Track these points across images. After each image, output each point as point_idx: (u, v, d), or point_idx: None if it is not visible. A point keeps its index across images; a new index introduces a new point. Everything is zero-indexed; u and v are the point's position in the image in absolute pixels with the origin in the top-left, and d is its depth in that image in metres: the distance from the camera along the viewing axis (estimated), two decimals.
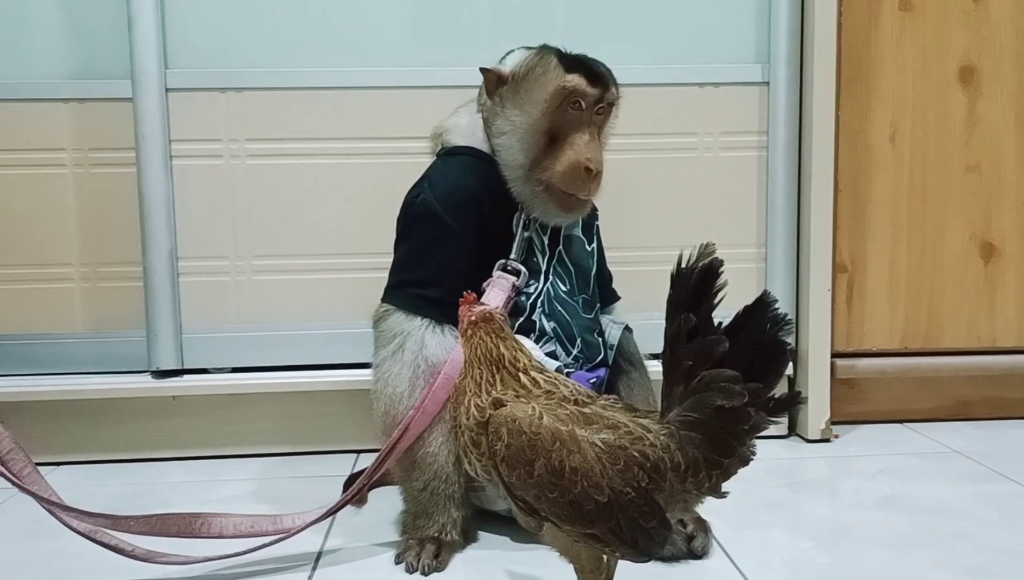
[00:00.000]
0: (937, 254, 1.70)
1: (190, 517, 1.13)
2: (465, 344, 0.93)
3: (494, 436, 0.87)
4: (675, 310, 0.87)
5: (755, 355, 0.86)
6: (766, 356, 0.87)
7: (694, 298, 0.87)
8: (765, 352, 0.87)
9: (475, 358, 0.91)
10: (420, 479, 1.17)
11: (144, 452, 1.58)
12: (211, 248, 1.59)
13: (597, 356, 1.28)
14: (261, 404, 1.59)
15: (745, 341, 0.86)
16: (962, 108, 1.69)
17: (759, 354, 0.86)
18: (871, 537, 1.22)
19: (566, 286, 1.27)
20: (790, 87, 1.63)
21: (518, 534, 1.20)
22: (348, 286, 1.59)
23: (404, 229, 1.27)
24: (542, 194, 1.22)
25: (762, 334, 0.87)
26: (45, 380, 1.57)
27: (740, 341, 0.86)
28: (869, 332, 1.70)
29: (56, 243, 1.59)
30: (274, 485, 1.47)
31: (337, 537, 1.24)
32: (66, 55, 1.57)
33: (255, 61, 1.57)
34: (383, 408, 1.20)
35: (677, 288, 0.87)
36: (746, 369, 0.85)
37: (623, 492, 0.85)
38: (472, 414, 0.89)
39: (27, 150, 1.57)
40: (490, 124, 1.25)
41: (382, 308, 1.24)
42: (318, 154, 1.59)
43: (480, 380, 0.90)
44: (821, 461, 1.55)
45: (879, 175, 1.68)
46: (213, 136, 1.58)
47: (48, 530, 1.14)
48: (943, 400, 1.73)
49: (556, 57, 1.22)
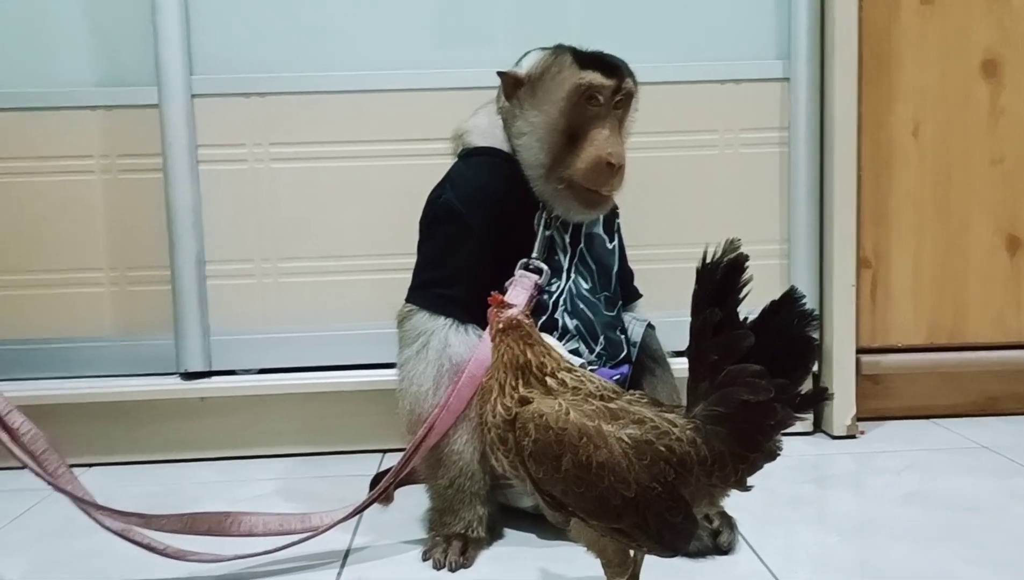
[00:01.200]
0: (962, 248, 1.69)
1: (220, 516, 1.14)
2: (493, 349, 0.94)
3: (521, 432, 0.88)
4: (700, 305, 0.87)
5: (781, 350, 0.86)
6: (793, 351, 0.87)
7: (720, 293, 0.87)
8: (792, 347, 0.87)
9: (502, 363, 0.92)
10: (446, 476, 1.18)
11: (173, 453, 1.61)
12: (237, 251, 1.61)
13: (620, 353, 1.28)
14: (288, 404, 1.61)
15: (771, 336, 0.86)
16: (985, 101, 1.67)
17: (785, 349, 0.86)
18: (897, 531, 1.21)
19: (588, 284, 1.28)
20: (811, 83, 1.63)
21: (544, 531, 1.21)
22: (372, 287, 1.60)
23: (427, 230, 1.29)
24: (564, 192, 1.23)
25: (789, 329, 0.86)
26: (76, 383, 1.59)
27: (766, 336, 0.86)
28: (894, 327, 1.69)
29: (85, 248, 1.62)
30: (301, 484, 1.48)
31: (365, 535, 1.25)
32: (93, 63, 1.59)
33: (278, 66, 1.59)
34: (408, 407, 1.21)
35: (702, 283, 0.87)
36: (772, 364, 0.85)
37: (650, 487, 0.85)
38: (499, 412, 0.90)
39: (56, 157, 1.60)
40: (510, 125, 1.26)
41: (406, 308, 1.25)
42: (341, 157, 1.61)
43: (505, 383, 0.91)
44: (847, 457, 1.54)
45: (902, 169, 1.67)
46: (238, 141, 1.60)
47: (81, 529, 1.16)
48: (969, 395, 1.72)
49: (571, 55, 1.23)
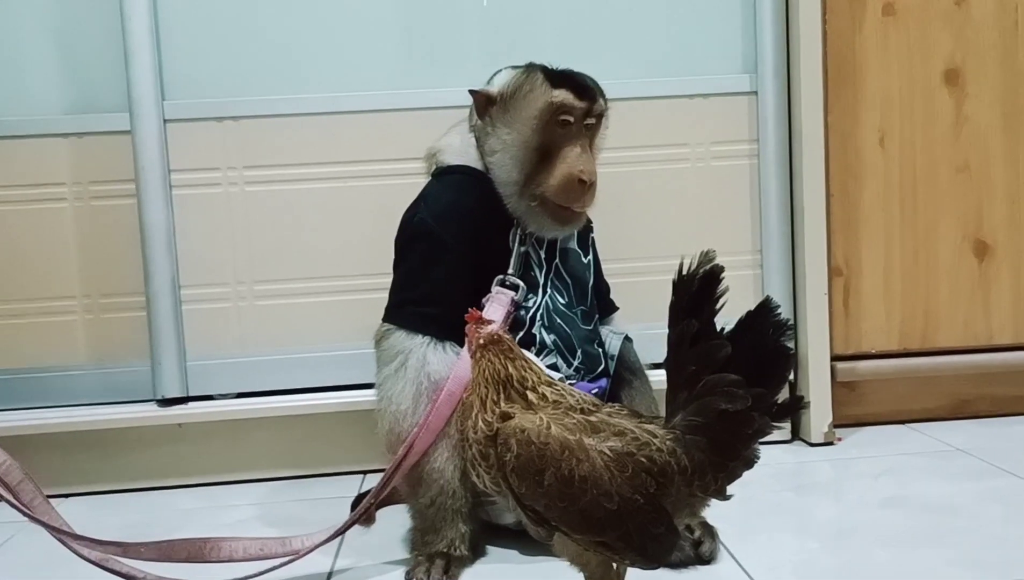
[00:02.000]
0: (931, 254, 1.72)
1: (200, 542, 1.13)
2: (474, 365, 0.94)
3: (503, 447, 0.88)
4: (677, 316, 0.88)
5: (758, 360, 0.87)
6: (769, 361, 0.88)
7: (696, 304, 0.88)
8: (768, 357, 0.88)
9: (483, 378, 0.92)
10: (427, 495, 1.18)
11: (152, 480, 1.59)
12: (212, 275, 1.61)
13: (598, 367, 1.29)
14: (266, 428, 1.60)
15: (748, 346, 0.87)
16: (949, 109, 1.71)
17: (762, 359, 0.88)
18: (878, 536, 1.22)
19: (564, 298, 1.28)
20: (778, 96, 1.65)
21: (527, 547, 1.21)
22: (349, 308, 1.60)
23: (402, 249, 1.29)
24: (537, 209, 1.24)
25: (764, 339, 0.88)
26: (51, 412, 1.57)
27: (743, 346, 0.87)
28: (867, 334, 1.71)
29: (58, 276, 1.60)
30: (282, 508, 1.47)
31: (347, 557, 1.24)
32: (64, 90, 1.59)
33: (251, 89, 1.59)
34: (388, 426, 1.21)
35: (679, 294, 0.88)
36: (749, 374, 0.86)
37: (632, 499, 0.86)
38: (480, 428, 0.90)
39: (28, 186, 1.59)
40: (482, 143, 1.27)
41: (383, 327, 1.25)
42: (315, 179, 1.61)
43: (486, 398, 0.91)
44: (825, 464, 1.56)
45: (870, 178, 1.70)
46: (211, 165, 1.59)
47: (59, 560, 1.15)
48: (943, 399, 1.74)
49: (542, 74, 1.24)
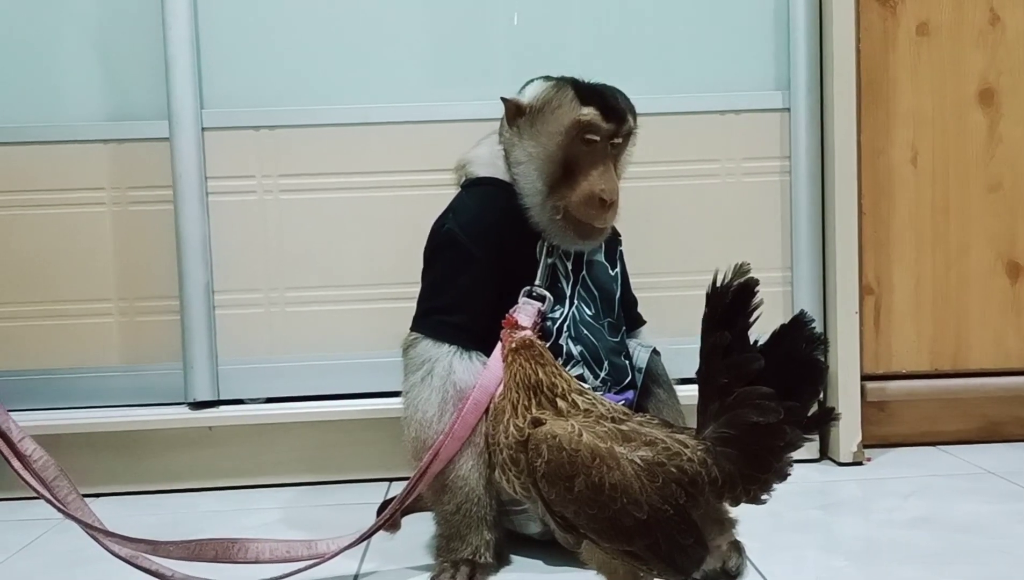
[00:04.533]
0: (963, 274, 1.70)
1: (227, 542, 1.15)
2: (506, 369, 0.95)
3: (534, 453, 0.88)
4: (711, 328, 0.89)
5: (790, 373, 0.88)
6: (801, 374, 0.88)
7: (729, 316, 0.88)
8: (800, 370, 0.88)
9: (514, 383, 0.93)
10: (452, 502, 1.18)
11: (180, 482, 1.61)
12: (245, 281, 1.63)
13: (624, 378, 1.29)
14: (294, 433, 1.61)
15: (780, 359, 0.87)
16: (983, 128, 1.69)
17: (794, 372, 0.88)
18: (905, 555, 1.21)
19: (591, 310, 1.29)
20: (811, 113, 1.65)
21: (551, 557, 1.21)
22: (377, 316, 1.61)
23: (430, 258, 1.30)
24: (560, 222, 1.24)
25: (797, 353, 0.88)
26: (85, 413, 1.60)
27: (776, 359, 0.87)
28: (898, 354, 1.70)
29: (95, 279, 1.63)
30: (307, 513, 1.49)
31: (372, 561, 1.25)
32: (105, 98, 1.62)
33: (286, 100, 1.62)
34: (413, 433, 1.22)
35: (713, 306, 0.89)
36: (782, 387, 0.87)
37: (661, 509, 0.86)
38: (511, 433, 0.90)
39: (68, 190, 1.63)
40: (510, 153, 1.28)
41: (410, 336, 1.26)
42: (348, 188, 1.63)
43: (517, 403, 0.92)
44: (853, 483, 1.54)
45: (902, 196, 1.69)
46: (247, 172, 1.62)
47: (89, 558, 1.17)
48: (973, 421, 1.72)
49: (572, 89, 1.24)
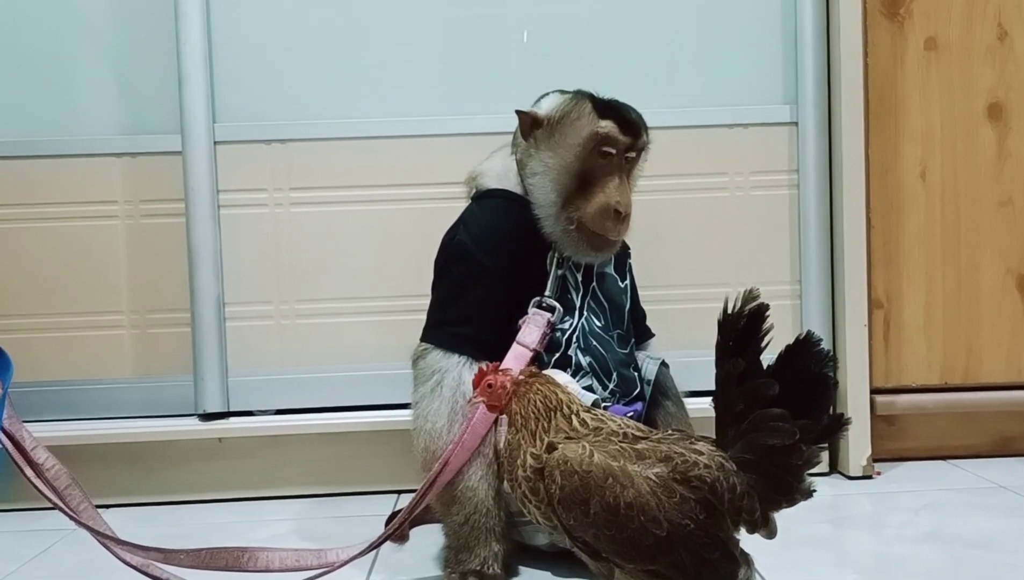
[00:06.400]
0: (973, 288, 1.70)
1: (237, 551, 1.15)
2: (518, 399, 0.94)
3: (549, 480, 0.88)
4: (724, 355, 0.89)
5: (802, 391, 0.88)
6: (812, 391, 0.89)
7: (742, 342, 0.89)
8: (811, 388, 0.89)
9: (531, 411, 0.93)
10: (461, 513, 1.18)
11: (190, 494, 1.62)
12: (256, 293, 1.64)
13: (633, 390, 1.29)
14: (304, 445, 1.62)
15: (791, 379, 0.88)
16: (992, 144, 1.69)
17: (806, 390, 0.88)
18: (916, 570, 1.20)
19: (601, 322, 1.29)
20: (819, 127, 1.66)
21: (560, 569, 1.20)
22: (388, 328, 1.62)
23: (441, 270, 1.31)
24: (573, 233, 1.25)
25: (807, 371, 0.89)
26: (95, 424, 1.61)
27: (786, 380, 0.88)
28: (907, 368, 1.69)
29: (107, 291, 1.65)
30: (317, 525, 1.49)
31: (380, 573, 1.25)
32: (118, 112, 1.64)
33: (298, 114, 1.64)
34: (423, 444, 1.22)
35: (725, 333, 0.89)
36: (793, 405, 0.87)
37: (682, 524, 0.85)
38: (528, 464, 0.90)
39: (81, 203, 1.64)
40: (524, 165, 1.29)
41: (420, 347, 1.27)
42: (359, 201, 1.64)
43: (535, 431, 0.92)
44: (863, 497, 1.53)
45: (911, 211, 1.69)
46: (259, 186, 1.64)
47: (100, 568, 1.17)
48: (985, 436, 1.71)
49: (590, 103, 1.26)
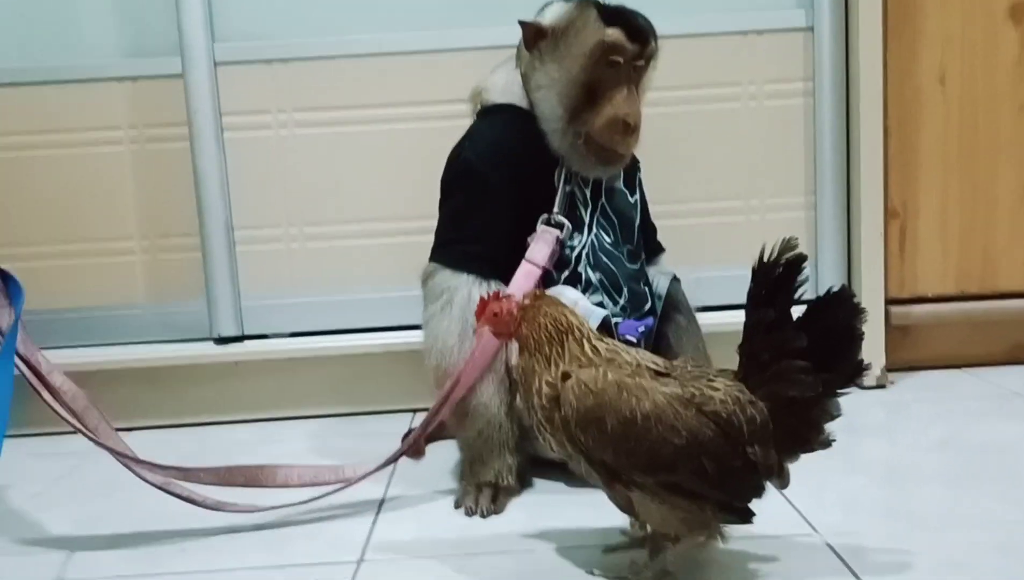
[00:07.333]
0: (990, 196, 1.66)
1: (256, 469, 1.18)
2: (528, 323, 0.92)
3: (565, 405, 0.88)
4: (755, 303, 0.87)
5: (827, 345, 0.86)
6: (839, 344, 0.87)
7: (774, 292, 0.87)
8: (838, 340, 0.87)
9: (543, 335, 0.91)
10: (474, 428, 1.20)
11: (208, 416, 1.64)
12: (265, 217, 1.63)
13: (644, 305, 1.29)
14: (319, 367, 1.63)
15: (820, 331, 0.86)
16: (1013, 47, 1.64)
17: (831, 343, 0.87)
18: (930, 475, 1.21)
19: (610, 237, 1.28)
20: (835, 32, 1.60)
21: (572, 479, 1.22)
22: (398, 249, 1.61)
23: (447, 188, 1.30)
24: (581, 147, 1.23)
25: (836, 323, 0.87)
26: (112, 350, 1.63)
27: (815, 332, 0.86)
28: (923, 277, 1.67)
29: (116, 218, 1.64)
30: (333, 443, 1.51)
31: (398, 486, 1.27)
32: (117, 34, 1.61)
33: (300, 32, 1.60)
34: (435, 362, 1.22)
35: (758, 281, 0.87)
36: (818, 358, 0.86)
37: (701, 431, 0.85)
38: (544, 392, 0.90)
39: (84, 129, 1.63)
40: (528, 78, 1.26)
41: (429, 266, 1.26)
42: (364, 121, 1.62)
43: (550, 354, 0.91)
44: (877, 407, 1.54)
45: (929, 118, 1.65)
46: (262, 108, 1.61)
47: (122, 485, 1.19)
48: (1000, 344, 1.70)
49: (596, 10, 1.22)
